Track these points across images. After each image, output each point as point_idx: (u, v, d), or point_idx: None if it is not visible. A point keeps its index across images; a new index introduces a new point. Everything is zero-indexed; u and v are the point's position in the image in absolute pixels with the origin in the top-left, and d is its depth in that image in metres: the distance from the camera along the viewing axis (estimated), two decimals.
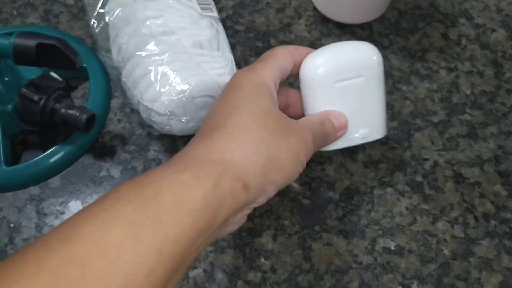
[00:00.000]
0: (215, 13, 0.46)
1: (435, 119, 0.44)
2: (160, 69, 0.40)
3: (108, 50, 0.45)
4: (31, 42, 0.36)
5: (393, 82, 0.46)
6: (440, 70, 0.47)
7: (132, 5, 0.45)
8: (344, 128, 0.36)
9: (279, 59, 0.34)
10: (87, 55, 0.46)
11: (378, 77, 0.36)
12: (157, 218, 0.23)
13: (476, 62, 0.48)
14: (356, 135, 0.37)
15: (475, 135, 0.44)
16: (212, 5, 0.47)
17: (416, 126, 0.44)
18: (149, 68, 0.40)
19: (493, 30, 0.50)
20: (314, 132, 0.33)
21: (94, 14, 0.47)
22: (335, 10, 0.48)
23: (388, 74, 0.47)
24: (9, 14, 0.50)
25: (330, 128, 0.34)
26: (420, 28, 0.50)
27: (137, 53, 0.41)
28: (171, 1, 0.45)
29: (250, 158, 0.28)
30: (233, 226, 0.31)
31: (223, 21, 0.49)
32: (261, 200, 0.29)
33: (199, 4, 0.46)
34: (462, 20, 0.50)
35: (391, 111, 0.45)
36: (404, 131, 0.44)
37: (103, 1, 0.47)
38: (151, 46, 0.41)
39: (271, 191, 0.29)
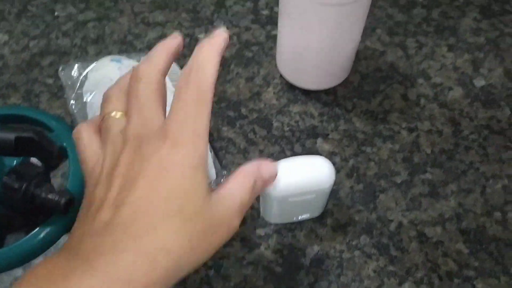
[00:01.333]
0: None
1: (398, 180, 0.47)
2: None
3: None
4: (10, 136, 0.38)
5: (357, 144, 0.49)
6: (402, 131, 0.50)
7: (109, 84, 0.48)
8: (274, 176, 0.33)
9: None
10: (67, 134, 0.48)
11: (329, 190, 0.40)
12: None
13: (435, 121, 0.51)
14: (299, 217, 0.44)
15: (436, 194, 0.46)
16: None
17: (380, 188, 0.46)
18: None
19: (450, 89, 0.53)
20: (243, 204, 0.29)
21: (73, 95, 0.49)
22: (300, 78, 0.51)
23: (353, 137, 0.50)
24: None
25: (260, 186, 0.32)
26: (381, 90, 0.53)
27: None
28: None
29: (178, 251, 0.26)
30: None
31: None
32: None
33: (171, 81, 0.48)
34: (421, 80, 0.53)
35: (356, 174, 0.47)
36: (369, 193, 0.46)
37: (80, 82, 0.50)
38: None
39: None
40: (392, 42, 0.56)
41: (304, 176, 0.39)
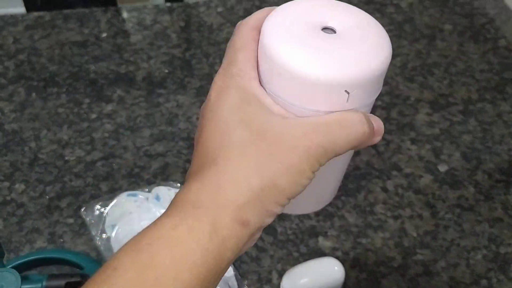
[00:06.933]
0: None
1: (395, 264, 0.54)
2: None
3: None
4: (60, 283, 0.44)
5: (353, 238, 0.56)
6: (388, 220, 0.58)
7: (130, 218, 0.54)
8: (381, 134, 0.31)
9: (250, 48, 0.31)
10: (96, 269, 0.53)
11: (340, 286, 0.48)
12: (154, 283, 0.24)
13: (414, 206, 0.59)
14: None
15: (429, 272, 0.53)
16: None
17: (381, 274, 0.53)
18: None
19: (420, 176, 0.62)
20: (329, 136, 0.28)
21: (97, 232, 0.55)
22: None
23: (348, 231, 0.57)
24: (18, 242, 0.58)
25: (368, 129, 0.29)
26: (363, 185, 0.61)
27: None
28: (162, 210, 0.54)
29: (244, 193, 0.26)
30: (245, 247, 0.29)
31: None
32: (268, 221, 0.28)
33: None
34: (395, 173, 0.62)
35: (358, 264, 0.54)
36: (372, 280, 0.53)
37: (103, 219, 0.56)
38: None
39: (276, 212, 0.28)
40: None
41: (319, 276, 0.46)
